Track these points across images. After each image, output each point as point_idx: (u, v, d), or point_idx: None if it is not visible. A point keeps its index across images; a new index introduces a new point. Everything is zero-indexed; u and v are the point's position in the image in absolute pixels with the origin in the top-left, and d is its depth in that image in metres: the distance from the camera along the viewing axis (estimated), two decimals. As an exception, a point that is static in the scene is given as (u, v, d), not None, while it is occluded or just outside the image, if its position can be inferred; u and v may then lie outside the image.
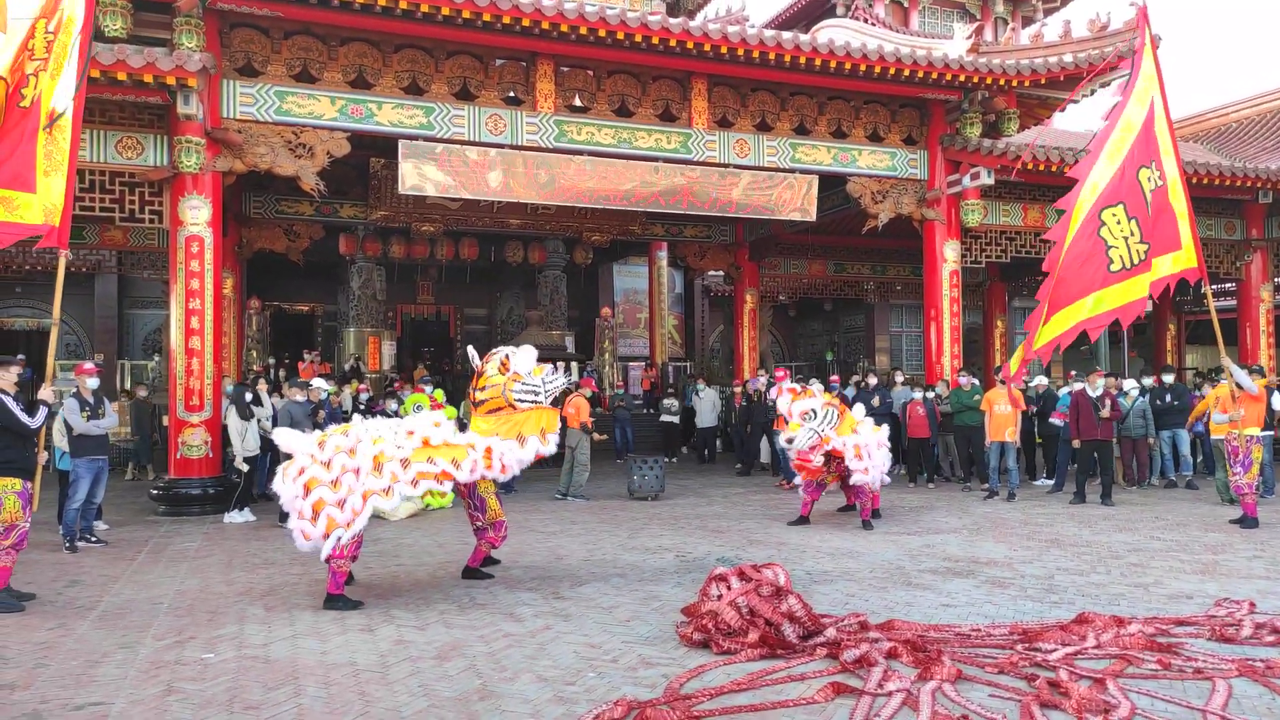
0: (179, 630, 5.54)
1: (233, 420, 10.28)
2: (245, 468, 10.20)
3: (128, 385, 19.07)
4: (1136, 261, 8.24)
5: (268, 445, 11.54)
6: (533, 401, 6.52)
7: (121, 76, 9.88)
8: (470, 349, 7.02)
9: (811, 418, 8.93)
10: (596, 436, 12.64)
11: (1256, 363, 16.11)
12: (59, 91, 6.43)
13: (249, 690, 4.41)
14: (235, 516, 10.10)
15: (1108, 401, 11.20)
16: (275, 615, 5.90)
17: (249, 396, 10.48)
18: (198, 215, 10.91)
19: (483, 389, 6.54)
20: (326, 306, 22.74)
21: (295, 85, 11.45)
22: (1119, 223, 8.23)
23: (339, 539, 5.91)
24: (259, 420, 10.77)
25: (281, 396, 11.52)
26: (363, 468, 6.01)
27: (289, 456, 6.20)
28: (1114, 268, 8.19)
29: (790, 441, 9.06)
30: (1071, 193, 8.26)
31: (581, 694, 4.31)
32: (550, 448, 6.59)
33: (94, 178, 10.89)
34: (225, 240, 13.02)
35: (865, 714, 3.96)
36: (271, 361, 18.48)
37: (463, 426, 6.73)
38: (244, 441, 10.17)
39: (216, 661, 4.88)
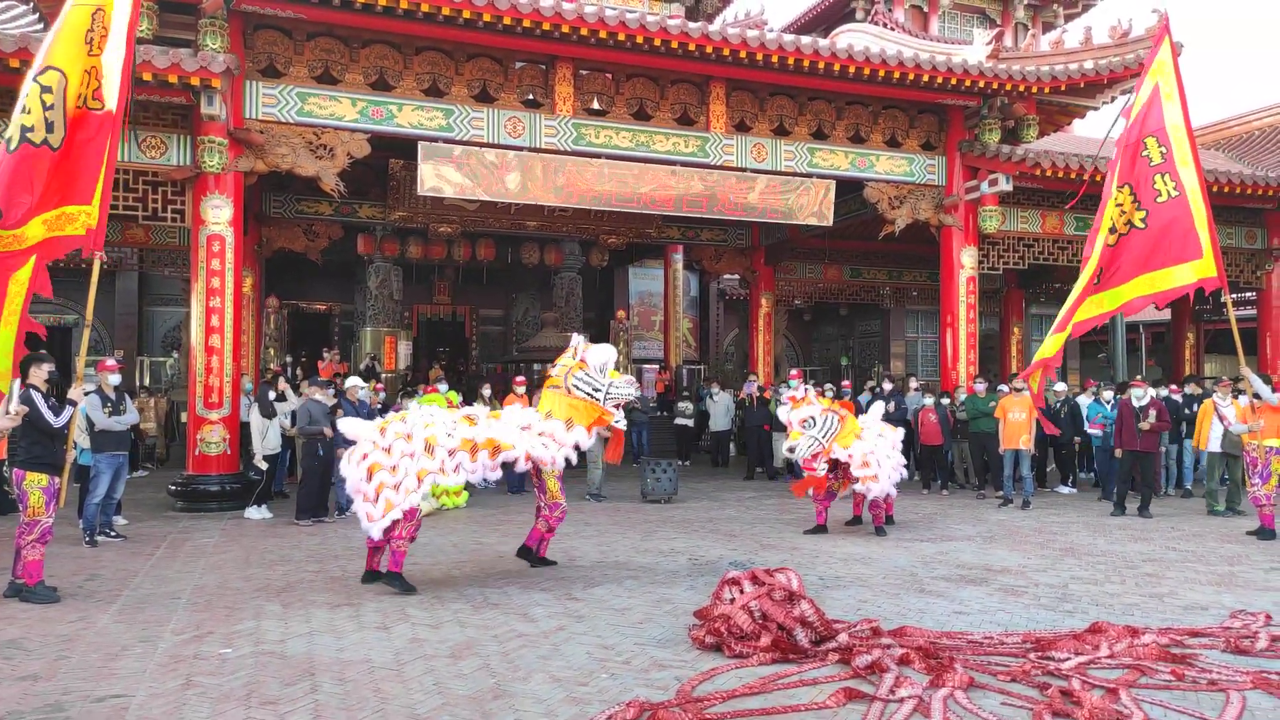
0: (197, 625, 5.62)
1: (254, 418, 10.40)
2: (265, 465, 10.30)
3: (147, 382, 19.30)
4: (1084, 286, 8.65)
5: (288, 442, 11.65)
6: (587, 395, 6.87)
7: (147, 77, 10.00)
8: (576, 335, 7.45)
9: (810, 425, 8.86)
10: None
11: (1277, 373, 15.99)
12: (107, 93, 6.31)
13: (266, 685, 4.46)
14: (254, 512, 10.20)
15: (1152, 412, 10.81)
16: (292, 612, 5.96)
17: (272, 394, 10.59)
18: (219, 215, 11.03)
19: (555, 366, 7.03)
20: (343, 306, 22.88)
21: (317, 86, 11.57)
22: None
23: (395, 519, 6.30)
24: (280, 418, 10.87)
25: (299, 395, 11.62)
26: (416, 450, 6.37)
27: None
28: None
29: (791, 450, 8.99)
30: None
31: (594, 695, 4.34)
32: (585, 444, 6.91)
33: (118, 176, 11.02)
34: (245, 239, 13.14)
35: (877, 719, 3.97)
36: (289, 360, 18.62)
37: None
38: (264, 439, 10.28)
39: (234, 656, 4.95)
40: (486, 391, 13.75)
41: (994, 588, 6.82)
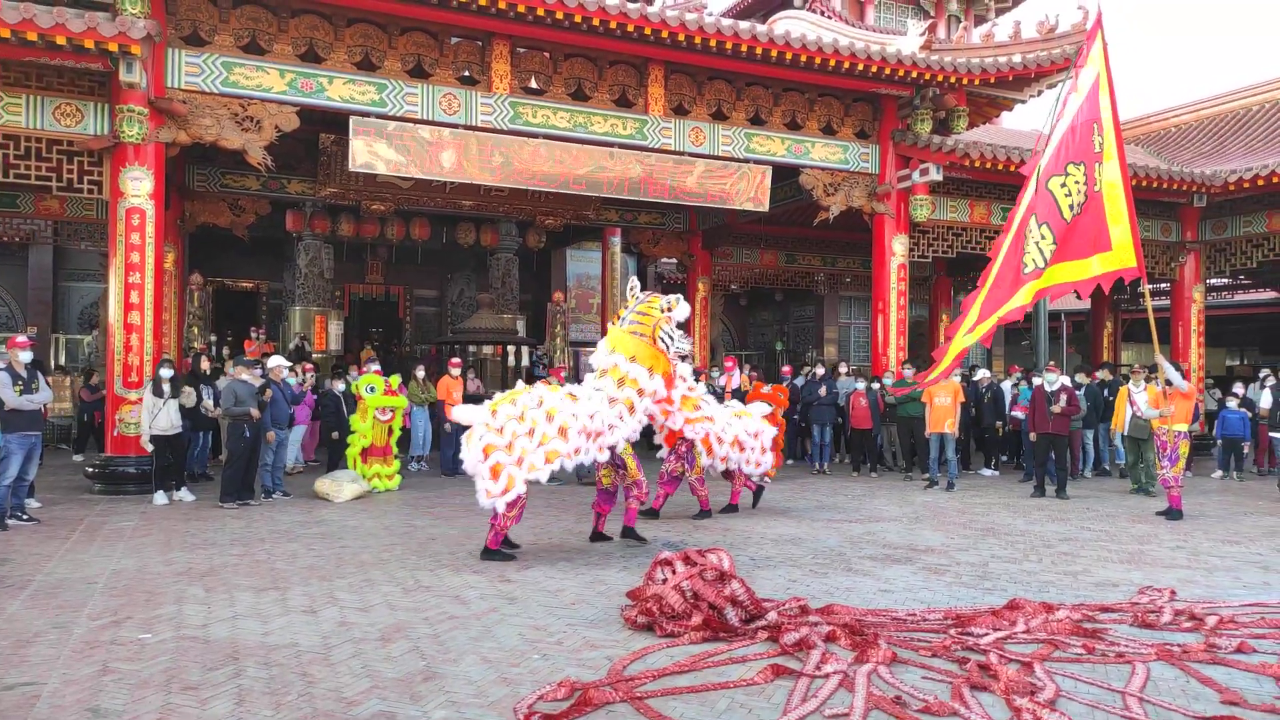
0: (115, 610, 5.44)
1: (146, 396, 9.89)
2: (150, 447, 9.78)
3: (62, 360, 18.54)
4: (1040, 266, 8.86)
5: (208, 424, 11.28)
6: (665, 347, 7.36)
7: (61, 41, 9.54)
8: (634, 279, 7.87)
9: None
10: None
11: (1187, 361, 16.72)
12: None
13: (187, 671, 4.35)
14: (161, 498, 9.78)
15: (1063, 396, 11.22)
16: (215, 596, 5.82)
17: (165, 372, 10.01)
18: (139, 187, 10.62)
19: (636, 314, 7.37)
20: (272, 284, 22.25)
21: (243, 56, 11.18)
22: (1032, 230, 8.87)
23: (519, 495, 6.80)
24: (202, 400, 10.50)
25: (225, 375, 11.27)
26: (540, 430, 6.79)
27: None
28: (1026, 271, 8.83)
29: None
30: (1011, 213, 8.90)
31: (526, 675, 4.34)
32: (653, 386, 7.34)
33: (29, 144, 10.53)
34: (167, 213, 12.68)
35: (803, 695, 4.06)
36: (213, 339, 18.06)
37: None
38: (154, 420, 9.75)
39: (154, 642, 4.81)
40: (420, 373, 13.57)
41: (918, 567, 7.01)
